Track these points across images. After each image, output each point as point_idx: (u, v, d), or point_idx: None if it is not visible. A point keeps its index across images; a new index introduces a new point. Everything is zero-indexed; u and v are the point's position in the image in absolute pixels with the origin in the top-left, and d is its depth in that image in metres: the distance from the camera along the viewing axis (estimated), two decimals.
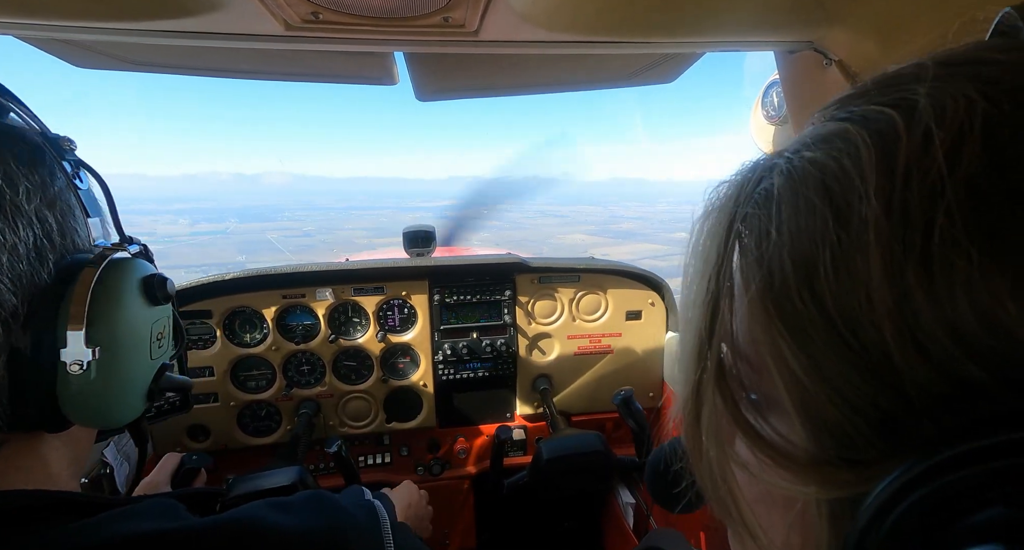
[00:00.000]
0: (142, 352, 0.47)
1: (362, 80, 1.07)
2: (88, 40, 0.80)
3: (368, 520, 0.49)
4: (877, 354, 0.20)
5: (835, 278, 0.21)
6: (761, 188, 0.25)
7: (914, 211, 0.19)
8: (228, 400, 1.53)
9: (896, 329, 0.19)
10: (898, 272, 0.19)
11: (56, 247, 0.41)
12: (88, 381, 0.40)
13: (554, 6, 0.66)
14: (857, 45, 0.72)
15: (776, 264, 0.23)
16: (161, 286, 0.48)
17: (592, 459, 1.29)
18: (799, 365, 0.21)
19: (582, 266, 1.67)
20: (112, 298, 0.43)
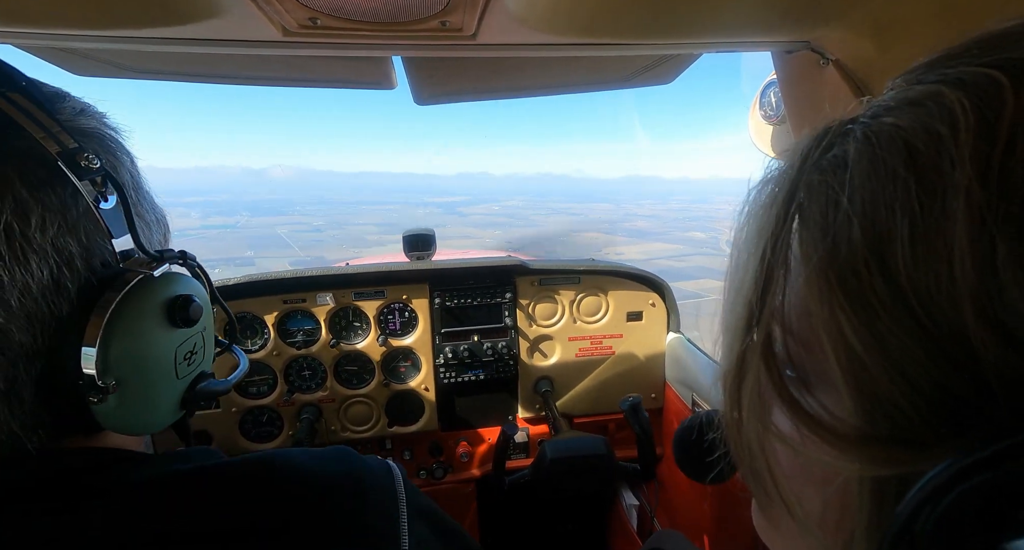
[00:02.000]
0: (164, 375, 0.46)
1: (360, 85, 1.07)
2: (87, 48, 0.81)
3: (385, 475, 0.51)
4: (951, 333, 0.19)
5: (912, 250, 0.19)
6: (831, 155, 0.24)
7: (1015, 180, 0.18)
8: (230, 406, 1.53)
9: (978, 307, 0.18)
10: (987, 246, 0.18)
11: (78, 273, 0.40)
12: (110, 409, 0.41)
13: (551, 9, 0.67)
14: (854, 45, 0.73)
15: (844, 234, 0.22)
16: (183, 309, 0.46)
17: (595, 462, 1.29)
18: (859, 341, 0.21)
19: (582, 268, 1.67)
20: (127, 329, 0.41)
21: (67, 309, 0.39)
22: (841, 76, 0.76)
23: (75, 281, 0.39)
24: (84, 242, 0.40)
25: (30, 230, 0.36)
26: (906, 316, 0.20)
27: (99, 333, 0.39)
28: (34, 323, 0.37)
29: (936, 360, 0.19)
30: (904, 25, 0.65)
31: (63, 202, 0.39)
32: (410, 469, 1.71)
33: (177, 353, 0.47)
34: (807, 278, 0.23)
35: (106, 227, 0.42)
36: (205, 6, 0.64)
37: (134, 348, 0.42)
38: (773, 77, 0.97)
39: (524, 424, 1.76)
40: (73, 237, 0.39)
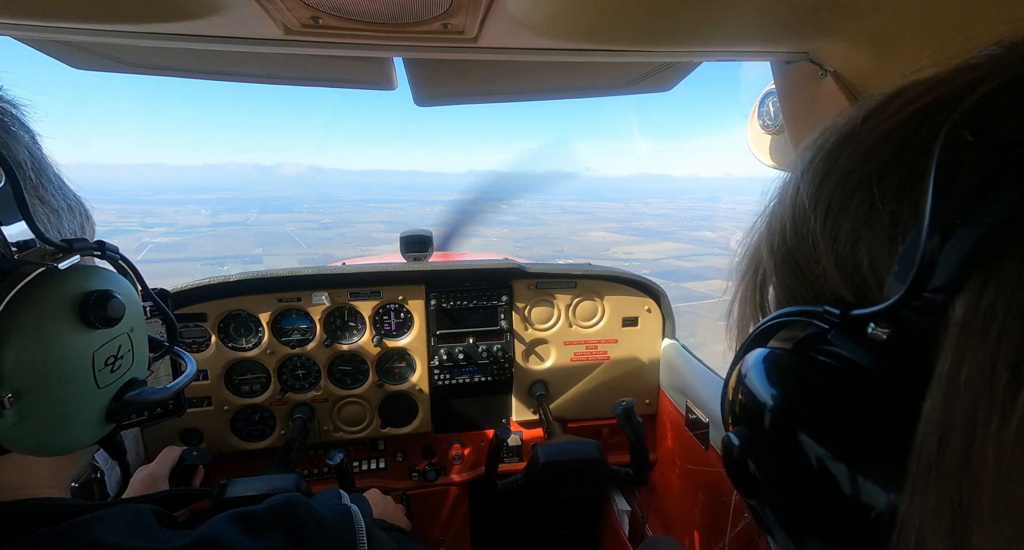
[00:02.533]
0: (81, 385, 0.40)
1: (361, 85, 1.07)
2: (87, 42, 0.80)
3: (342, 528, 0.46)
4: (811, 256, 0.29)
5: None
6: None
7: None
8: (222, 404, 1.52)
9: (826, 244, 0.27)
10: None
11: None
12: (7, 427, 0.35)
13: (553, 14, 0.67)
14: (852, 57, 0.73)
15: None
16: (98, 307, 0.39)
17: (588, 467, 1.29)
18: (776, 262, 0.32)
19: (579, 272, 1.67)
20: (27, 330, 0.35)
21: None
22: (839, 87, 0.77)
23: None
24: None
25: None
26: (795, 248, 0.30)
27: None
28: None
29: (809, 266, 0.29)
30: (902, 38, 0.65)
31: None
32: (402, 471, 1.70)
33: (95, 358, 0.41)
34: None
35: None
36: (207, 2, 0.64)
37: (36, 353, 0.36)
38: (772, 87, 0.98)
39: (518, 427, 1.76)
40: None
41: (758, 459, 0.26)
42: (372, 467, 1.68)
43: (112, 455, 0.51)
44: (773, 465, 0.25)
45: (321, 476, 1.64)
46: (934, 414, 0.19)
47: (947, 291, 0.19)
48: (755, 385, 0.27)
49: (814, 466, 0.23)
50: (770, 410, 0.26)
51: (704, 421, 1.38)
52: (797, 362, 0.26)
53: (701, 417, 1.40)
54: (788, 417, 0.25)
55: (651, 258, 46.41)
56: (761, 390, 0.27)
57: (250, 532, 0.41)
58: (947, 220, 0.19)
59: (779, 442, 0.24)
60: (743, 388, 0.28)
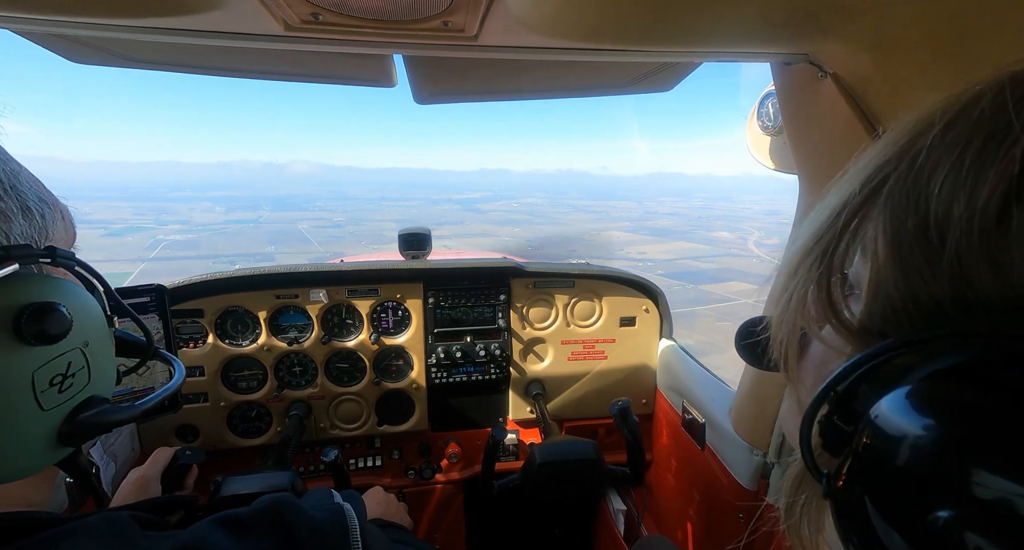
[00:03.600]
0: (20, 407, 0.36)
1: (361, 82, 1.07)
2: (85, 36, 0.80)
3: (335, 527, 0.44)
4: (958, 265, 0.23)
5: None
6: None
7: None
8: (218, 400, 1.52)
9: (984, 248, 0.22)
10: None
11: None
12: None
13: (553, 13, 0.67)
14: (852, 59, 0.73)
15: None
16: (34, 322, 0.35)
17: (584, 466, 1.29)
18: (885, 256, 0.26)
19: (577, 272, 1.67)
20: None
21: None
22: (838, 90, 0.77)
23: None
24: None
25: None
26: (926, 246, 0.24)
27: None
28: None
29: (938, 279, 0.24)
30: (900, 42, 0.65)
31: None
32: (398, 468, 1.70)
33: (36, 378, 0.37)
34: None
35: None
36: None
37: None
38: (771, 88, 0.98)
39: (515, 427, 1.76)
40: None
41: (976, 531, 0.19)
42: (368, 465, 1.68)
43: (73, 477, 0.47)
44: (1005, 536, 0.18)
45: (317, 473, 1.64)
46: None
47: None
48: (955, 436, 0.20)
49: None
50: (1005, 470, 0.19)
51: (700, 422, 1.39)
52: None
53: (697, 417, 1.41)
54: None
55: (666, 258, 46.10)
56: (969, 442, 0.20)
57: (237, 536, 0.39)
58: None
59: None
60: (917, 441, 0.21)
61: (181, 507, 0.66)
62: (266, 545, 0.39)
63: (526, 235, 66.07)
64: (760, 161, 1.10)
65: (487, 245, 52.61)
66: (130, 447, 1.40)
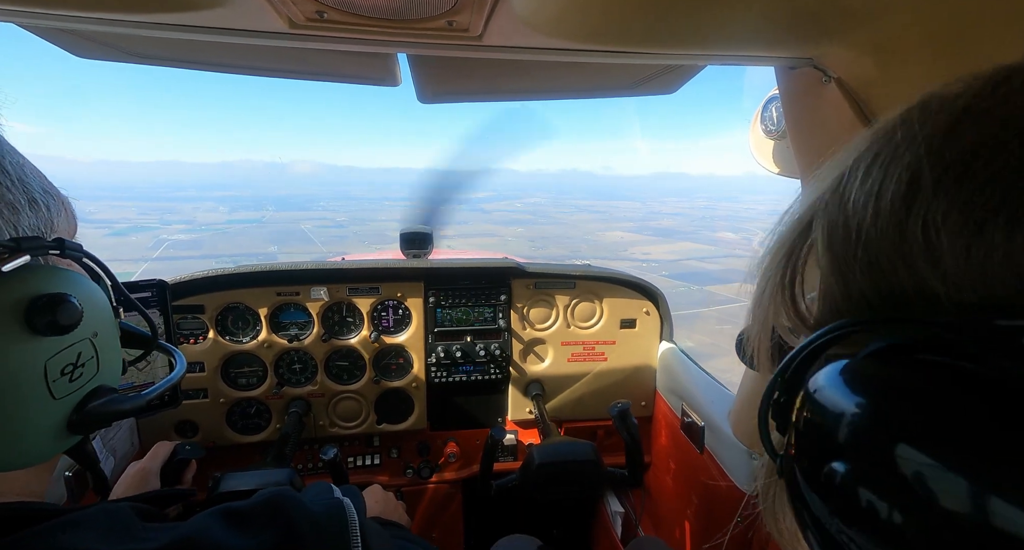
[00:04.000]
0: (32, 397, 0.37)
1: (365, 80, 1.07)
2: (90, 30, 0.80)
3: (334, 522, 0.44)
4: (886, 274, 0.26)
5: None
6: None
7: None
8: (218, 396, 1.52)
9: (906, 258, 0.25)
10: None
11: None
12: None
13: (558, 13, 0.67)
14: (856, 64, 0.73)
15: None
16: (46, 312, 0.36)
17: (583, 468, 1.29)
18: (829, 268, 0.29)
19: (578, 273, 1.67)
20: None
21: None
22: (842, 94, 0.77)
23: None
24: None
25: None
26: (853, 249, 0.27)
27: None
28: None
29: (864, 278, 0.27)
30: (905, 46, 0.65)
31: None
32: (397, 467, 1.70)
33: (48, 367, 0.38)
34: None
35: None
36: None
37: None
38: (775, 92, 0.98)
39: (513, 427, 1.76)
40: None
41: (880, 489, 0.22)
42: (367, 463, 1.68)
43: (81, 465, 0.48)
44: (903, 495, 0.21)
45: (315, 471, 1.64)
46: None
47: None
48: (853, 404, 0.23)
49: (957, 492, 0.19)
50: (898, 433, 0.21)
51: (700, 425, 1.38)
52: (917, 375, 0.22)
53: (697, 420, 1.41)
54: (928, 440, 0.21)
55: (670, 259, 45.82)
56: (867, 409, 0.23)
57: (238, 528, 0.39)
58: None
59: (918, 468, 0.21)
60: (826, 410, 0.24)
61: (179, 500, 0.66)
62: (266, 537, 0.39)
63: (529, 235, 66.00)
64: (763, 165, 1.10)
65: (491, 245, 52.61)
66: (129, 442, 1.40)
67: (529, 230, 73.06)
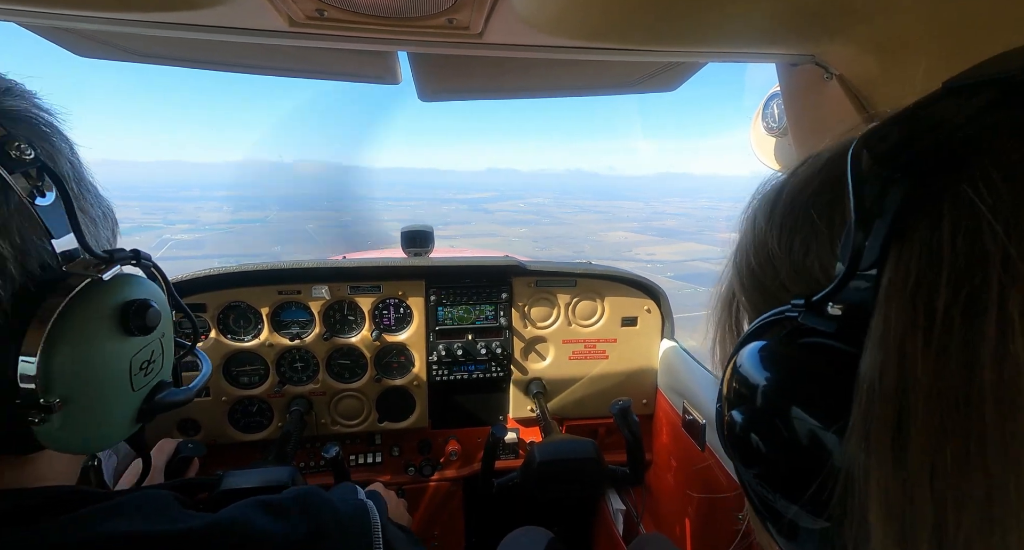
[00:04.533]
0: (120, 389, 0.42)
1: (365, 78, 1.07)
2: (91, 30, 0.80)
3: (357, 522, 0.47)
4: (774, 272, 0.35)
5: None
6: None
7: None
8: (220, 395, 1.52)
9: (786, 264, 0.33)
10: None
11: (12, 279, 0.35)
12: (52, 429, 0.36)
13: (558, 11, 0.67)
14: (858, 61, 0.73)
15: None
16: (138, 316, 0.41)
17: (584, 466, 1.29)
18: (740, 277, 0.38)
19: (579, 271, 1.67)
20: (75, 339, 0.37)
21: (2, 318, 0.34)
22: (844, 91, 0.76)
23: (8, 287, 0.35)
24: (18, 243, 0.35)
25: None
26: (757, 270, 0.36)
27: (40, 345, 0.35)
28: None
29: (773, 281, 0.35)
30: (907, 43, 0.65)
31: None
32: (398, 465, 1.71)
33: (132, 363, 0.43)
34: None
35: (44, 226, 0.37)
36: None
37: (82, 360, 0.37)
38: (776, 89, 0.98)
39: (515, 425, 1.76)
40: (4, 238, 0.35)
41: (757, 429, 0.30)
42: (368, 461, 1.69)
43: (138, 451, 0.54)
44: (768, 432, 0.29)
45: (317, 469, 1.65)
46: (873, 356, 0.23)
47: (877, 265, 0.25)
48: (749, 370, 0.32)
49: (796, 426, 0.27)
50: (763, 386, 0.30)
51: (701, 423, 1.39)
52: (780, 345, 0.31)
53: (698, 418, 1.41)
54: (777, 388, 0.30)
55: (675, 259, 45.51)
56: (754, 373, 0.31)
57: (273, 516, 0.42)
58: (867, 216, 0.25)
59: (772, 411, 0.29)
60: (739, 377, 0.33)
61: (203, 490, 0.69)
62: (300, 530, 0.42)
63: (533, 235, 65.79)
64: (764, 162, 1.10)
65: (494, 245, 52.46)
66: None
67: (533, 230, 72.81)
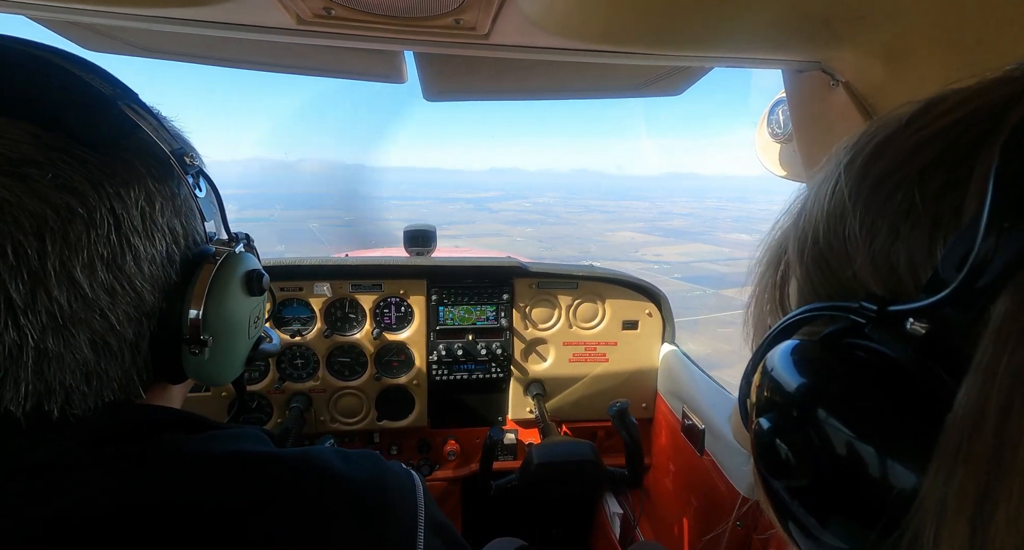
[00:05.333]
0: (242, 334, 0.55)
1: (371, 77, 1.08)
2: (101, 24, 0.81)
3: (408, 483, 0.54)
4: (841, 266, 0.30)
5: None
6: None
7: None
8: (220, 390, 1.53)
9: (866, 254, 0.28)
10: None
11: (182, 249, 0.48)
12: (203, 361, 0.49)
13: (565, 13, 0.67)
14: (864, 67, 0.73)
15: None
16: (258, 281, 0.55)
17: (582, 468, 1.29)
18: (800, 264, 0.33)
19: (581, 273, 1.67)
20: (220, 295, 0.49)
21: (175, 278, 0.47)
22: (850, 98, 0.76)
23: (180, 255, 0.47)
24: (185, 225, 0.48)
25: (155, 213, 0.44)
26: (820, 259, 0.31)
27: (203, 297, 0.47)
28: (156, 288, 0.45)
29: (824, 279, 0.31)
30: (915, 50, 0.65)
31: (174, 192, 0.47)
32: None
33: (250, 317, 0.56)
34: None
35: (200, 213, 0.50)
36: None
37: (225, 311, 0.50)
38: (782, 95, 0.98)
39: (514, 426, 1.76)
40: (180, 220, 0.47)
41: (790, 442, 0.27)
42: None
43: (237, 390, 0.73)
44: (804, 447, 0.26)
45: None
46: (969, 401, 0.20)
47: (991, 290, 0.20)
48: (786, 375, 0.28)
49: (844, 447, 0.24)
50: (804, 397, 0.27)
51: (700, 428, 1.38)
52: (830, 353, 0.27)
53: (697, 423, 1.40)
54: (822, 403, 0.26)
55: (682, 260, 44.70)
56: (793, 379, 0.28)
57: (346, 462, 0.50)
58: (998, 223, 0.20)
59: (811, 426, 0.26)
60: (771, 379, 0.29)
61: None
62: (369, 474, 0.50)
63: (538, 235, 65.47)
64: (769, 168, 1.10)
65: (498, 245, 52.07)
66: None
67: (538, 230, 72.44)
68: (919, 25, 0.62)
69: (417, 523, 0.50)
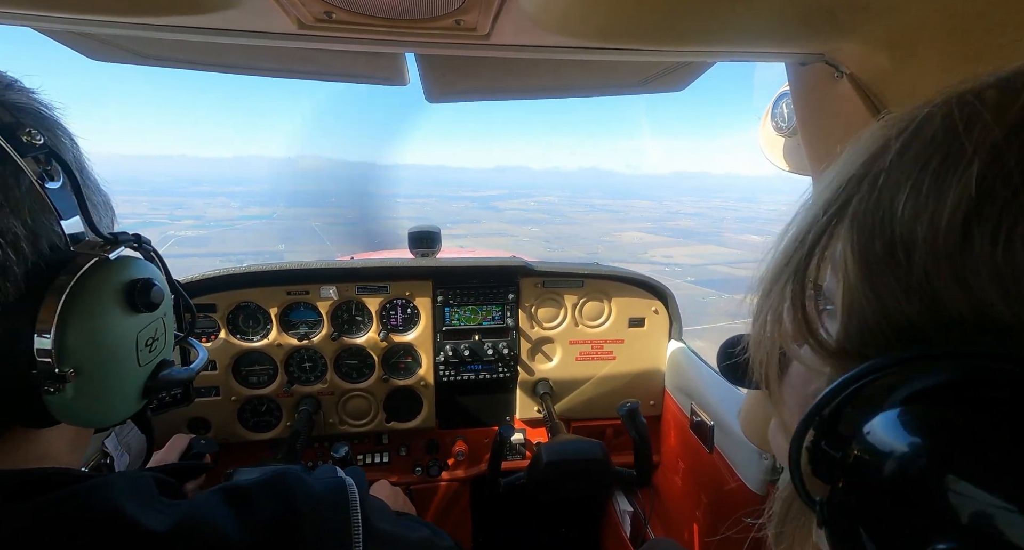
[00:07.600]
0: (125, 362, 0.44)
1: (373, 80, 1.08)
2: (104, 33, 0.81)
3: (333, 497, 0.47)
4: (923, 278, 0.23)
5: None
6: None
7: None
8: (229, 394, 1.54)
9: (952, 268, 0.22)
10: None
11: (24, 257, 0.37)
12: (67, 399, 0.38)
13: (566, 11, 0.67)
14: (869, 59, 0.72)
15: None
16: (144, 293, 0.44)
17: (591, 467, 1.29)
18: (856, 278, 0.26)
19: (586, 272, 1.67)
20: (84, 314, 0.39)
21: (14, 294, 0.36)
22: (854, 90, 0.75)
23: (22, 265, 0.37)
24: (30, 224, 0.37)
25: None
26: (895, 266, 0.24)
27: (54, 318, 0.37)
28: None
29: (910, 299, 0.24)
30: (919, 41, 0.64)
31: (3, 180, 0.36)
32: (406, 465, 1.71)
33: (139, 339, 0.45)
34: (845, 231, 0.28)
35: (54, 208, 0.39)
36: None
37: (93, 333, 0.40)
38: (786, 88, 0.97)
39: (522, 425, 1.76)
40: (16, 218, 0.37)
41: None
42: (376, 461, 1.69)
43: (142, 429, 0.55)
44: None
45: None
46: None
47: None
48: (947, 456, 0.20)
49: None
50: (999, 489, 0.18)
51: (709, 424, 1.38)
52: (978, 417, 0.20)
53: (706, 420, 1.40)
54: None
55: (693, 263, 43.33)
56: (957, 463, 0.20)
57: (238, 508, 0.42)
58: None
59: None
60: (905, 463, 0.21)
61: (200, 473, 0.69)
62: (266, 512, 0.42)
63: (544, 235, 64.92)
64: (773, 162, 1.09)
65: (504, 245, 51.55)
66: (143, 439, 1.42)
67: (544, 230, 71.79)
68: (922, 15, 0.61)
69: (351, 544, 0.44)
